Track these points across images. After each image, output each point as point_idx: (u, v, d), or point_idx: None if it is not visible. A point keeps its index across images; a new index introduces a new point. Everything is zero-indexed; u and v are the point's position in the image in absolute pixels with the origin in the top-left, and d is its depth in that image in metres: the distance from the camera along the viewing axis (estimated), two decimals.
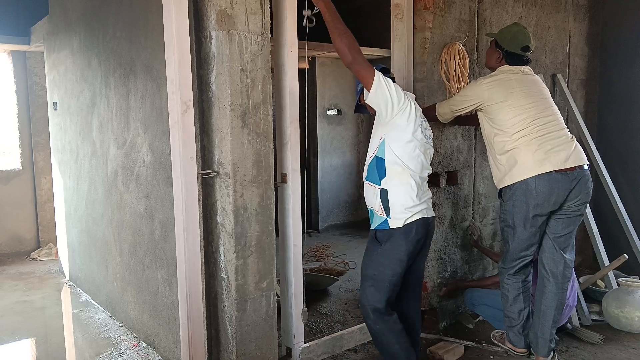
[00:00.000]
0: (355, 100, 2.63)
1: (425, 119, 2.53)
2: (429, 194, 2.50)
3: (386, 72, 2.46)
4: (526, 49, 2.74)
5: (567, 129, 2.74)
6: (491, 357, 2.94)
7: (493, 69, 2.82)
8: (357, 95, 2.59)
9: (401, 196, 2.36)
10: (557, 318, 2.80)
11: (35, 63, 5.47)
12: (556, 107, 2.78)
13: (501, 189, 2.78)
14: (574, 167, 2.61)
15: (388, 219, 2.36)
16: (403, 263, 2.37)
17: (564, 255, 2.75)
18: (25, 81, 5.49)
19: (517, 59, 2.75)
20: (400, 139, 2.36)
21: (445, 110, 2.86)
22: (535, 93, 2.71)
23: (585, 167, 2.66)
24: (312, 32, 2.53)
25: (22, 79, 5.49)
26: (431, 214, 2.48)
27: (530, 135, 2.61)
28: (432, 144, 2.53)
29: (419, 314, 2.64)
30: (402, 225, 2.35)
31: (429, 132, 2.52)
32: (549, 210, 2.66)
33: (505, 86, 2.67)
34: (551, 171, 2.57)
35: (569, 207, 2.66)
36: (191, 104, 2.19)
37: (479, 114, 2.80)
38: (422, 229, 2.39)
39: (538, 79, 2.81)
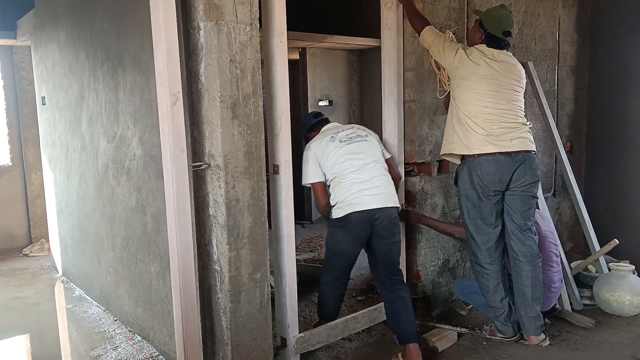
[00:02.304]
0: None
1: (347, 130, 2.89)
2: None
3: (318, 116, 3.05)
4: (507, 33, 2.80)
5: (523, 119, 2.84)
6: (484, 342, 2.97)
7: None
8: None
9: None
10: (536, 295, 2.87)
11: (23, 57, 5.40)
12: (521, 97, 2.86)
13: (456, 175, 2.94)
14: (519, 150, 2.76)
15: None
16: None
17: (529, 234, 2.86)
18: (13, 76, 5.43)
19: (496, 42, 2.81)
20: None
21: (426, 41, 2.90)
22: (500, 82, 2.77)
23: (532, 152, 2.82)
24: (302, 22, 2.52)
25: (10, 74, 5.42)
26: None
27: (479, 119, 2.75)
28: (364, 136, 2.88)
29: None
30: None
31: (354, 133, 2.87)
32: (495, 189, 2.80)
33: (471, 65, 2.76)
34: (495, 152, 2.74)
35: (517, 187, 2.81)
36: (180, 95, 2.17)
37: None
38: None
39: (513, 66, 2.84)
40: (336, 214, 2.75)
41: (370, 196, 2.70)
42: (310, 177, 2.81)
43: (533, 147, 2.84)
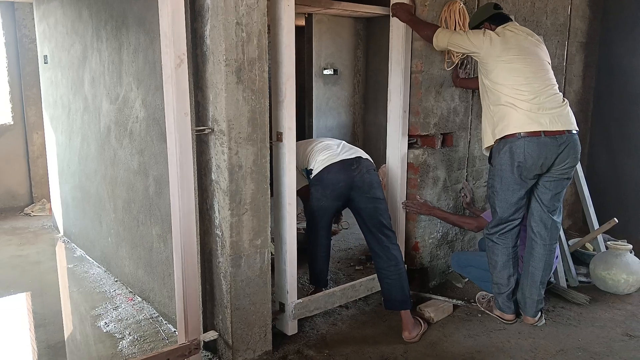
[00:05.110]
0: None
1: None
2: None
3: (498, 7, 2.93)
4: (496, 6, 2.87)
5: (560, 93, 2.74)
6: (479, 315, 3.01)
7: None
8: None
9: None
10: (545, 279, 2.86)
11: (24, 14, 5.31)
12: (551, 71, 2.78)
13: (491, 153, 2.82)
14: (563, 130, 2.64)
15: None
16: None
17: (552, 217, 2.80)
18: (15, 33, 5.35)
19: (500, 18, 2.83)
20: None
21: (443, 41, 2.88)
22: (531, 54, 2.72)
23: (574, 132, 2.69)
24: None
25: (11, 31, 5.34)
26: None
27: (522, 94, 2.65)
28: None
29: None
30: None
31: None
32: (536, 173, 2.70)
33: (503, 43, 2.72)
34: (540, 133, 2.61)
35: (556, 170, 2.70)
36: (185, 57, 2.14)
37: (478, 64, 2.85)
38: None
39: (537, 41, 2.80)
40: (315, 172, 2.81)
41: (345, 153, 2.86)
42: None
43: (576, 126, 2.70)
